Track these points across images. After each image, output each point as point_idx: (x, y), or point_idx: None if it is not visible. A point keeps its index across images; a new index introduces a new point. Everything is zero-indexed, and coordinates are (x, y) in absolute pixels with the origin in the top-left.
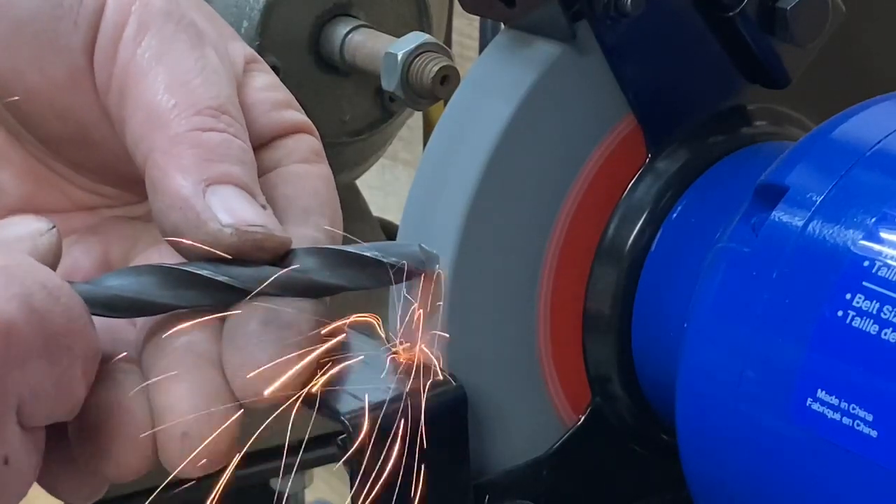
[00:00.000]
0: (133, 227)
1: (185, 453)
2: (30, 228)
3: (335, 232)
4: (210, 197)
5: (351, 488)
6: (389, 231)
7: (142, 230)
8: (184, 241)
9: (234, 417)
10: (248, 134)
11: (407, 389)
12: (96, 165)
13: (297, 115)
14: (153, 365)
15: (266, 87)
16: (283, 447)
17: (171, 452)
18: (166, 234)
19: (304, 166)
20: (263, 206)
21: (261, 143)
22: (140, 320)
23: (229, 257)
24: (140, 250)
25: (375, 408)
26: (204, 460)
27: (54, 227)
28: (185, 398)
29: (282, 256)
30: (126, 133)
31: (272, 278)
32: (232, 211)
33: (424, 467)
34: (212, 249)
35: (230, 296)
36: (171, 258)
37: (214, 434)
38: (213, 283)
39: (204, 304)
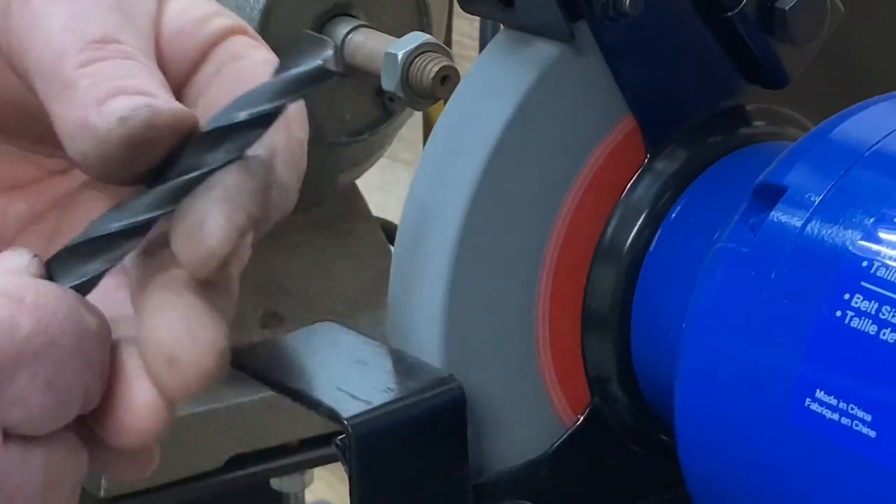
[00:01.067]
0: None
1: (176, 378)
2: (17, 263)
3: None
4: (103, 112)
5: (351, 488)
6: (389, 231)
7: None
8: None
9: (219, 331)
10: (148, 55)
11: (406, 390)
12: (42, 133)
13: (224, 21)
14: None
15: (183, 9)
16: (283, 447)
17: (163, 382)
18: (88, 174)
19: (240, 62)
20: (164, 100)
21: (194, 64)
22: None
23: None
24: None
25: (375, 409)
26: (194, 381)
27: (36, 256)
28: (164, 325)
29: (203, 136)
30: (37, 91)
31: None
32: (117, 109)
33: (423, 468)
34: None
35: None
36: None
37: (201, 352)
38: (161, 192)
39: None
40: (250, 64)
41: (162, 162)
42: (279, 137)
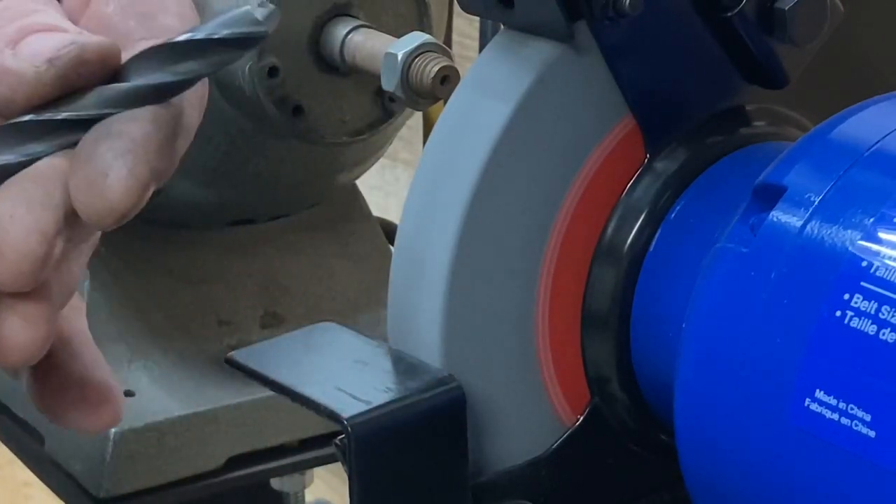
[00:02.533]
0: None
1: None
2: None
3: (190, 25)
4: (19, 54)
5: (350, 488)
6: (389, 231)
7: None
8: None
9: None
10: None
11: (406, 390)
12: None
13: None
14: None
15: None
16: (283, 447)
17: None
18: (8, 114)
19: None
20: (79, 34)
21: None
22: None
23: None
24: None
25: (375, 409)
26: (14, 273)
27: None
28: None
29: (118, 71)
30: None
31: (97, 95)
32: (40, 51)
33: (423, 468)
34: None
35: (78, 132)
36: None
37: (22, 240)
38: (46, 124)
39: (53, 150)
40: None
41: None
42: None
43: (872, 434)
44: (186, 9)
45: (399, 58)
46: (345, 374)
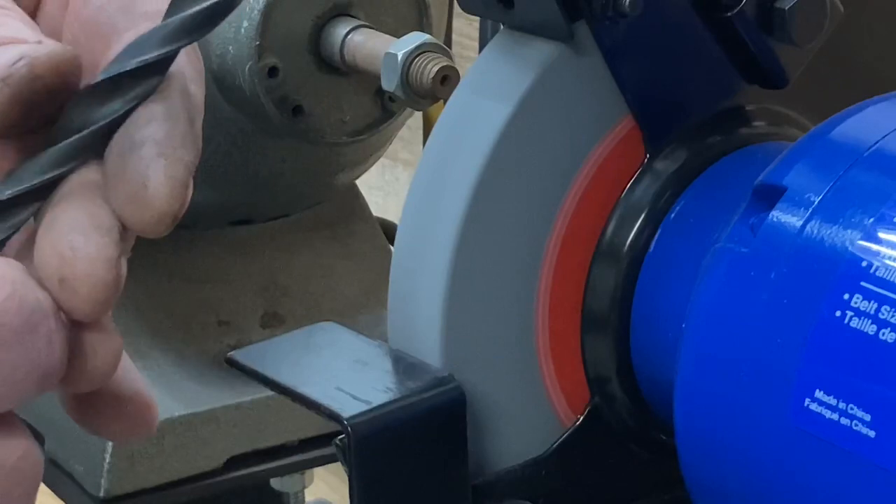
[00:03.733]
0: None
1: (71, 297)
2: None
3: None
4: None
5: (350, 488)
6: (389, 231)
7: None
8: None
9: (111, 250)
10: None
11: (406, 390)
12: None
13: None
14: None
15: None
16: (283, 447)
17: (62, 303)
18: None
19: None
20: (38, 42)
21: None
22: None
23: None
24: None
25: (375, 409)
26: (90, 303)
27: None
28: (49, 244)
29: (92, 84)
30: None
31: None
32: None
33: (423, 468)
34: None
35: (95, 144)
36: None
37: (90, 272)
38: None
39: (70, 168)
40: None
41: (60, 105)
42: (182, 57)
43: (872, 434)
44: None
45: (399, 58)
46: (345, 374)
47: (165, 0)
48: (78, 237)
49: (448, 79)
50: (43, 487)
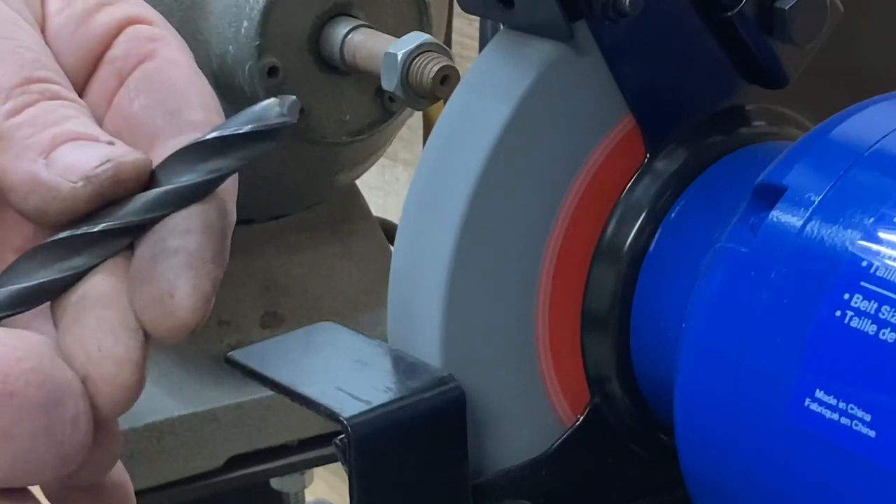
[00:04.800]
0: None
1: (93, 396)
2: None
3: (215, 116)
4: (52, 165)
5: (350, 488)
6: (389, 231)
7: None
8: (49, 220)
9: (135, 350)
10: (66, 80)
11: (406, 390)
12: None
13: (114, 11)
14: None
15: (66, 2)
16: (283, 447)
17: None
18: (39, 224)
19: (149, 64)
20: (110, 143)
21: (93, 63)
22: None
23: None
24: None
25: (375, 409)
26: (111, 397)
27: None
28: (76, 342)
29: (150, 178)
30: None
31: (134, 203)
32: (75, 165)
33: (423, 468)
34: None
35: (118, 241)
36: None
37: (114, 367)
38: (83, 238)
39: (95, 262)
40: (161, 70)
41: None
42: None
43: (872, 434)
44: (209, 99)
45: (399, 58)
46: (345, 374)
47: (212, 112)
48: (107, 336)
49: (448, 79)
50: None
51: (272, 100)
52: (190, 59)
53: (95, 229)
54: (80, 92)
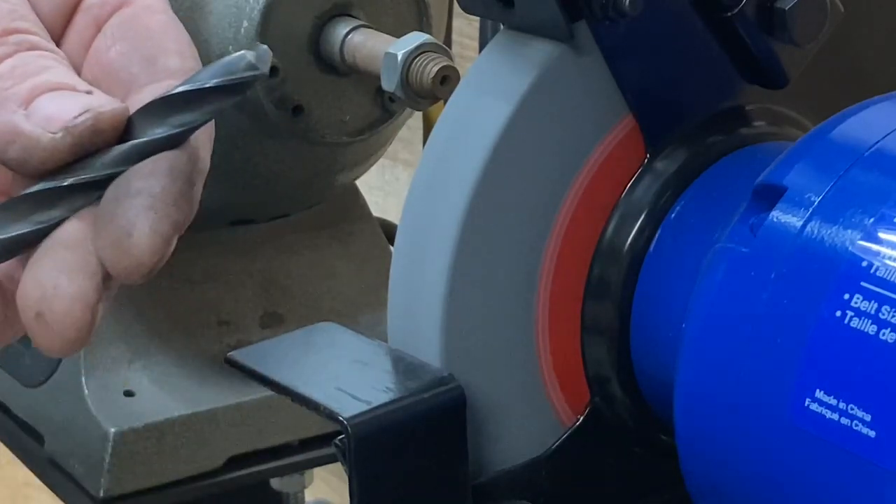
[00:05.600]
0: None
1: (44, 331)
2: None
3: (191, 62)
4: (32, 116)
5: (350, 488)
6: (389, 231)
7: None
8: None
9: (88, 292)
10: (44, 30)
11: (406, 390)
12: None
13: None
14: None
15: None
16: (283, 447)
17: (34, 335)
18: (20, 173)
19: (125, 10)
20: (88, 92)
21: (70, 10)
22: None
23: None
24: None
25: (375, 409)
26: (59, 334)
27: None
28: (33, 279)
29: (127, 128)
30: None
31: (106, 156)
32: (55, 116)
33: (423, 468)
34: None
35: (91, 193)
36: None
37: (66, 305)
38: (58, 190)
39: (68, 214)
40: (138, 17)
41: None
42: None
43: (872, 434)
44: (185, 46)
45: (399, 58)
46: (345, 374)
47: (188, 58)
48: (62, 276)
49: (448, 79)
50: (43, 487)
51: (242, 52)
52: (165, 5)
53: (64, 184)
54: (58, 40)
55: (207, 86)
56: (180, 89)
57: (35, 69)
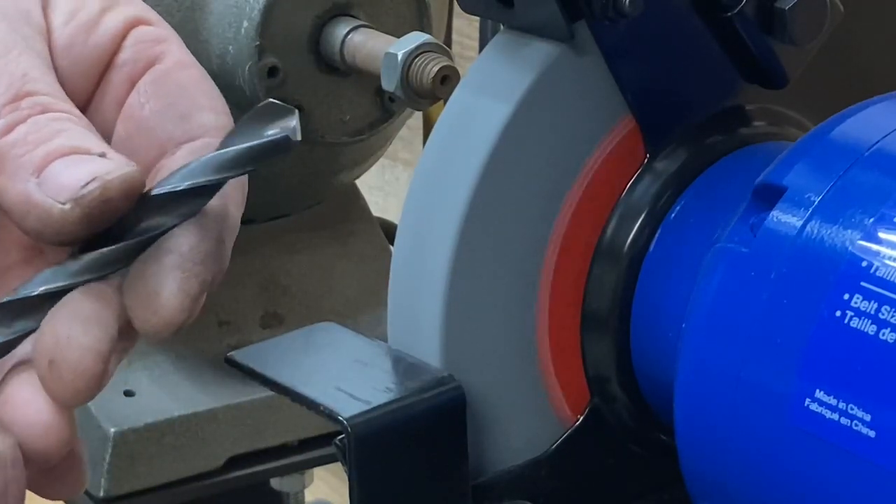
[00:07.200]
0: None
1: (55, 380)
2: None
3: (224, 120)
4: (44, 185)
5: (350, 488)
6: (389, 231)
7: None
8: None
9: (104, 342)
10: (59, 89)
11: (406, 390)
12: None
13: (118, 15)
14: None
15: (69, 13)
16: (283, 447)
17: (45, 384)
18: (39, 243)
19: (158, 67)
20: (102, 154)
21: (103, 68)
22: None
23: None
24: None
25: (375, 409)
26: (71, 383)
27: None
28: (50, 328)
29: (144, 195)
30: None
31: (129, 242)
32: (65, 184)
33: (423, 468)
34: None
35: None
36: None
37: (78, 355)
38: (35, 299)
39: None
40: (169, 73)
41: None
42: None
43: (872, 434)
44: (217, 101)
45: (399, 58)
46: (345, 374)
47: (221, 114)
48: (77, 326)
49: (448, 79)
50: None
51: (278, 130)
52: (193, 59)
53: (34, 293)
54: (90, 98)
55: (245, 151)
56: (218, 154)
57: (48, 134)
